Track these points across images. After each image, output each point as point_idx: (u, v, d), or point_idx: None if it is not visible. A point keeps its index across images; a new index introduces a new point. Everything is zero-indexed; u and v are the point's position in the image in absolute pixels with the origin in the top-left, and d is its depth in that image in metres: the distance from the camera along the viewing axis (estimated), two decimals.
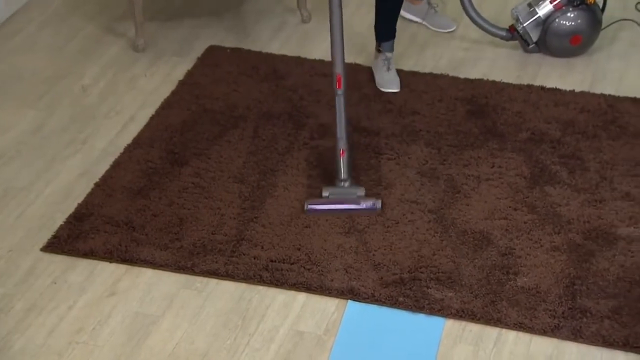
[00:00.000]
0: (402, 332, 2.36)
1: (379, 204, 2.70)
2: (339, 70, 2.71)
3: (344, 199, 2.72)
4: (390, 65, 3.26)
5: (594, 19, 3.32)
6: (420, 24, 3.61)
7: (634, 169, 2.82)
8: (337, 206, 2.70)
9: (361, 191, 2.74)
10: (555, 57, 3.39)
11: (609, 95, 3.16)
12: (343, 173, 2.75)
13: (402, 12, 3.51)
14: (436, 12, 3.59)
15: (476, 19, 3.35)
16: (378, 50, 3.29)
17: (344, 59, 2.72)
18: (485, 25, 3.37)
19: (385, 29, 3.24)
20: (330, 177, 2.83)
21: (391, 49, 3.26)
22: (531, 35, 3.35)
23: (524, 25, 3.34)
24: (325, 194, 2.74)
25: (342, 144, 2.74)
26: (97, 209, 2.75)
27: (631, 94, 3.15)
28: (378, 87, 3.25)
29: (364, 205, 2.69)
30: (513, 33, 3.38)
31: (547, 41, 3.34)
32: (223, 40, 3.59)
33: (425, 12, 3.57)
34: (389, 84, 3.24)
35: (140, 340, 2.35)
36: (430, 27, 3.59)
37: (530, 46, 3.38)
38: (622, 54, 3.39)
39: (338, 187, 2.75)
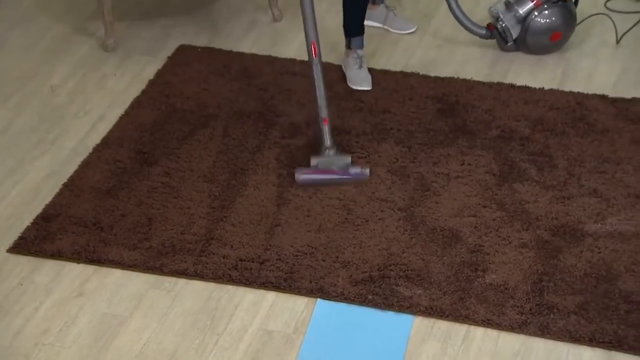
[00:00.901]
0: (371, 330, 2.36)
1: (367, 172, 2.75)
2: (312, 37, 2.74)
3: (333, 168, 2.75)
4: (362, 64, 3.26)
5: (571, 15, 3.34)
6: (382, 28, 3.60)
7: (601, 165, 2.84)
8: (326, 175, 2.75)
9: (348, 159, 2.79)
10: (526, 55, 3.40)
11: (578, 92, 3.18)
12: (328, 140, 2.80)
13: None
14: (395, 15, 3.58)
15: (459, 16, 3.34)
16: (348, 48, 3.28)
17: (316, 26, 2.75)
18: (466, 23, 3.37)
19: (354, 24, 3.23)
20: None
21: (361, 46, 3.26)
22: (512, 32, 3.35)
23: (505, 23, 3.33)
24: (313, 162, 2.77)
25: (324, 112, 2.79)
26: (65, 210, 2.73)
27: (600, 92, 3.17)
28: (349, 84, 3.25)
29: (352, 172, 2.75)
30: (492, 31, 3.39)
31: (528, 38, 3.35)
32: (194, 39, 3.58)
33: (384, 16, 3.57)
34: (361, 82, 3.24)
35: (108, 341, 2.33)
36: (391, 30, 3.58)
37: (509, 44, 3.39)
38: (592, 52, 3.41)
39: (325, 155, 2.79)
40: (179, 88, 3.28)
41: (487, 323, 2.35)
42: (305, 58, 3.42)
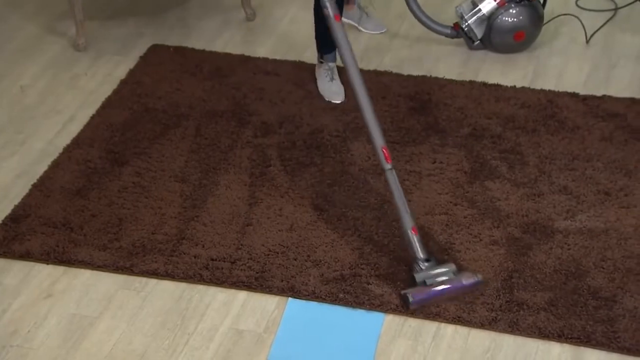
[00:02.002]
0: (342, 328, 2.36)
1: (480, 277, 2.41)
2: (382, 142, 2.49)
3: (444, 281, 2.39)
4: (334, 76, 3.21)
5: (536, 15, 3.36)
6: (355, 28, 3.61)
7: (571, 163, 2.85)
8: (442, 291, 2.38)
9: (453, 266, 2.43)
10: (498, 54, 3.42)
11: (549, 90, 3.20)
12: (421, 252, 2.43)
13: None
14: (368, 15, 3.60)
15: (421, 17, 3.37)
16: (320, 61, 3.24)
17: (381, 131, 2.52)
18: (430, 24, 3.39)
19: (326, 39, 3.08)
20: (272, 178, 2.83)
21: (334, 59, 3.22)
22: (476, 32, 3.37)
23: (469, 22, 3.36)
24: (419, 279, 2.40)
25: (409, 222, 2.44)
26: (35, 210, 2.71)
27: (570, 89, 3.19)
28: (322, 95, 3.21)
29: (467, 282, 2.39)
30: (458, 30, 3.41)
31: (492, 38, 3.37)
32: (166, 38, 3.56)
33: (359, 16, 3.59)
34: (333, 95, 3.18)
35: (77, 342, 2.32)
36: (363, 30, 3.60)
37: (475, 43, 3.41)
38: (563, 50, 3.44)
39: (426, 269, 2.42)
40: (151, 88, 3.27)
41: (457, 320, 2.35)
42: (278, 57, 3.45)
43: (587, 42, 3.46)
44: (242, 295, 2.46)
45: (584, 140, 2.95)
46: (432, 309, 2.38)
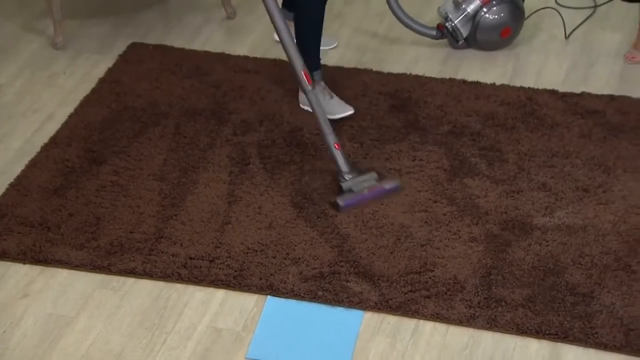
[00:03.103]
0: (321, 326, 2.35)
1: (399, 182, 2.73)
2: (301, 66, 2.71)
3: (366, 188, 2.69)
4: (330, 92, 3.06)
5: (519, 10, 3.37)
6: None
7: (550, 160, 2.86)
8: (367, 195, 2.68)
9: (374, 174, 2.73)
10: (479, 51, 3.42)
11: (528, 87, 3.20)
12: (345, 165, 2.71)
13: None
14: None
15: (404, 20, 3.35)
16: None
17: (300, 55, 2.72)
18: (414, 26, 3.38)
19: (314, 58, 3.02)
20: (251, 176, 2.82)
21: (322, 76, 3.08)
22: (462, 31, 3.37)
23: (455, 22, 3.35)
24: (345, 188, 2.69)
25: (332, 138, 2.71)
26: (11, 210, 2.69)
27: (549, 86, 3.20)
28: (330, 117, 2.95)
29: (388, 187, 2.70)
30: (443, 31, 3.40)
31: (478, 36, 3.37)
32: (145, 37, 3.54)
33: None
34: (343, 108, 3.04)
35: (53, 342, 2.30)
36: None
37: (460, 42, 3.41)
38: (542, 47, 3.45)
39: (352, 179, 2.70)
40: (130, 86, 3.25)
41: (436, 317, 2.35)
42: (259, 55, 3.44)
43: (567, 37, 3.47)
44: (220, 293, 2.45)
45: (562, 137, 2.96)
46: (411, 306, 2.38)
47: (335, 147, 2.71)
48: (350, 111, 3.05)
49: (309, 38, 3.00)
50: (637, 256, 2.48)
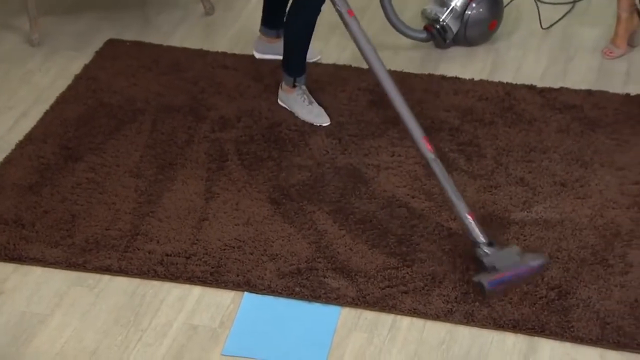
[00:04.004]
0: (298, 322, 2.34)
1: (546, 257, 2.43)
2: (421, 132, 2.46)
3: (511, 264, 2.35)
4: (310, 98, 3.03)
5: (499, 1, 3.38)
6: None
7: (528, 155, 2.86)
8: (514, 274, 2.35)
9: (516, 248, 2.42)
10: (460, 47, 3.41)
11: (507, 82, 3.20)
12: (481, 236, 2.39)
13: (261, 55, 3.31)
14: None
15: (397, 25, 3.32)
16: (293, 86, 3.03)
17: (416, 121, 2.48)
18: (406, 30, 3.35)
19: (300, 63, 3.00)
20: (229, 173, 2.80)
21: (305, 81, 3.05)
22: (452, 28, 3.35)
23: (446, 21, 3.33)
24: (488, 264, 2.36)
25: (463, 207, 2.40)
26: None
27: (527, 82, 3.20)
28: (307, 121, 3.01)
29: (535, 264, 2.38)
30: (431, 32, 3.38)
31: (468, 31, 3.36)
32: (123, 33, 3.52)
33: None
34: (318, 118, 3.01)
35: (27, 340, 2.27)
36: None
37: (448, 41, 3.39)
38: (521, 42, 3.45)
39: (493, 254, 2.37)
40: (107, 83, 3.22)
41: (413, 312, 2.34)
42: (237, 51, 3.42)
43: (542, 27, 3.48)
44: (197, 290, 2.43)
45: (541, 132, 2.96)
46: (389, 302, 2.37)
47: (468, 216, 2.40)
48: (325, 122, 3.00)
49: (299, 42, 2.97)
50: (613, 250, 2.49)
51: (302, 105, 3.02)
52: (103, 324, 2.32)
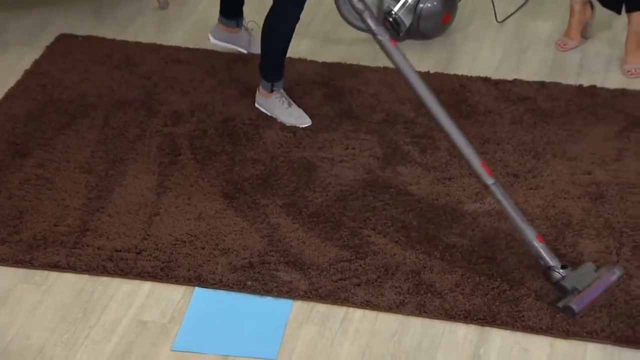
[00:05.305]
0: (249, 316, 2.32)
1: (622, 269, 2.36)
2: (478, 159, 2.40)
3: (595, 282, 2.31)
4: (289, 99, 2.99)
5: None
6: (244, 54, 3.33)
7: (482, 146, 2.86)
8: (597, 292, 2.30)
9: (591, 265, 2.37)
10: (416, 40, 3.40)
11: (462, 75, 3.20)
12: (554, 259, 2.33)
13: (216, 41, 3.27)
14: (254, 37, 3.27)
15: (346, 16, 3.30)
16: (271, 91, 2.98)
17: (472, 148, 2.42)
18: (355, 22, 3.34)
19: (279, 68, 2.96)
20: (181, 167, 2.76)
21: (282, 85, 3.00)
22: (405, 22, 3.34)
23: (399, 14, 3.31)
24: (569, 287, 2.30)
25: (531, 231, 2.35)
26: None
27: (482, 74, 3.20)
28: (289, 125, 2.96)
29: (614, 277, 2.33)
30: (385, 24, 3.36)
31: (421, 25, 3.35)
32: (75, 28, 3.46)
33: (247, 41, 3.31)
34: (299, 120, 2.96)
35: None
36: (255, 53, 3.25)
37: (401, 34, 3.38)
38: (477, 35, 3.45)
39: (568, 275, 2.32)
40: (58, 78, 3.17)
41: (365, 304, 2.33)
42: (191, 45, 3.38)
43: (498, 21, 3.48)
44: (147, 286, 2.39)
45: (495, 124, 2.96)
46: (341, 294, 2.35)
47: (538, 240, 2.34)
48: (307, 123, 2.96)
49: (277, 50, 2.93)
50: (564, 240, 2.49)
51: (281, 109, 2.97)
52: (50, 321, 2.28)
